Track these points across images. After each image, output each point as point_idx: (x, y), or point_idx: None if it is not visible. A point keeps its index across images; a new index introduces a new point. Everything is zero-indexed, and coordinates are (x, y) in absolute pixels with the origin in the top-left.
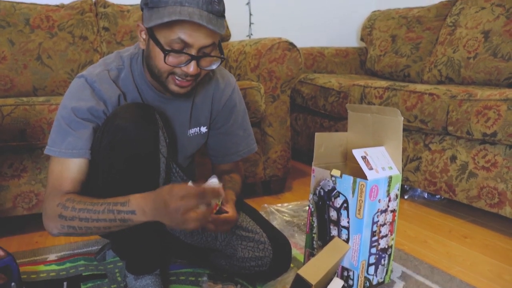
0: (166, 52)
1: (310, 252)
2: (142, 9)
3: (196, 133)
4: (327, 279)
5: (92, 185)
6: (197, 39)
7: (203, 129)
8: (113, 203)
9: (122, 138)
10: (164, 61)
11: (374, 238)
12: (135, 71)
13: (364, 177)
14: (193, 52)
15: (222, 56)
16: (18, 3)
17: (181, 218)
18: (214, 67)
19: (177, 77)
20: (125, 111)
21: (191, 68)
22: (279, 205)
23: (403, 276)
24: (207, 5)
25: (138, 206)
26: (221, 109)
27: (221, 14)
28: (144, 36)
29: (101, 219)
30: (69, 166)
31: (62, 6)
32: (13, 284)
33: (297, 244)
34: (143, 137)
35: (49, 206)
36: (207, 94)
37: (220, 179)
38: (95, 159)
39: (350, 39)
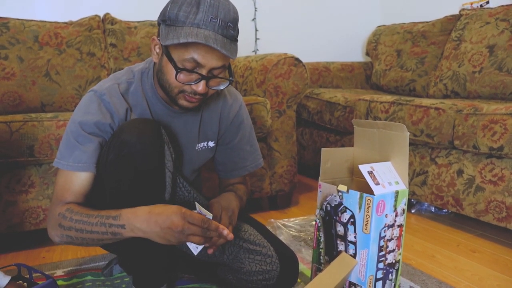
0: (178, 70)
1: (317, 267)
2: (159, 24)
3: (204, 148)
4: None
5: (99, 199)
6: (209, 61)
7: (211, 144)
8: (106, 216)
9: (128, 152)
10: (175, 78)
11: (381, 253)
12: (145, 84)
13: (370, 192)
14: (203, 72)
15: (230, 78)
16: (27, 20)
17: (184, 239)
18: (221, 87)
19: (186, 94)
20: (130, 126)
21: (200, 87)
22: (286, 220)
23: None
24: (222, 29)
25: (127, 221)
26: (229, 125)
27: (234, 39)
28: (157, 50)
29: (94, 231)
30: (73, 178)
31: (70, 23)
32: None
33: (304, 259)
34: (148, 152)
35: (51, 215)
36: (215, 109)
37: (224, 191)
38: (101, 174)
39: (355, 54)
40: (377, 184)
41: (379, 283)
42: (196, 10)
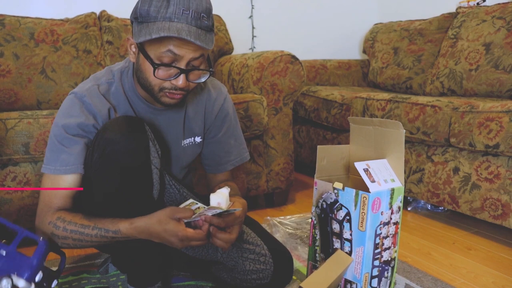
0: (155, 66)
1: (313, 265)
2: (132, 23)
3: (190, 143)
4: None
5: (88, 200)
6: (186, 52)
7: (198, 139)
8: (105, 230)
9: (112, 150)
10: (154, 75)
11: (377, 251)
12: (125, 84)
13: (366, 189)
14: (182, 65)
15: (210, 69)
16: (23, 17)
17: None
18: (202, 80)
19: (167, 90)
20: (114, 124)
21: (180, 81)
22: (282, 217)
23: None
24: (195, 20)
25: (129, 234)
26: (214, 119)
27: (209, 29)
28: (134, 50)
29: (95, 241)
30: (60, 182)
31: (66, 20)
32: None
33: (300, 256)
34: (133, 149)
35: (41, 223)
36: (199, 104)
37: (217, 188)
38: (88, 174)
39: (352, 52)
40: (373, 181)
41: (375, 281)
42: (167, 4)
